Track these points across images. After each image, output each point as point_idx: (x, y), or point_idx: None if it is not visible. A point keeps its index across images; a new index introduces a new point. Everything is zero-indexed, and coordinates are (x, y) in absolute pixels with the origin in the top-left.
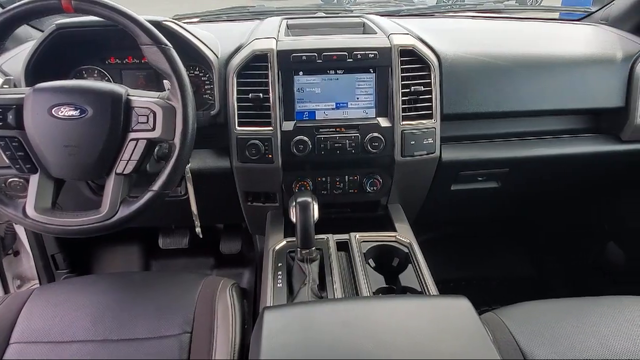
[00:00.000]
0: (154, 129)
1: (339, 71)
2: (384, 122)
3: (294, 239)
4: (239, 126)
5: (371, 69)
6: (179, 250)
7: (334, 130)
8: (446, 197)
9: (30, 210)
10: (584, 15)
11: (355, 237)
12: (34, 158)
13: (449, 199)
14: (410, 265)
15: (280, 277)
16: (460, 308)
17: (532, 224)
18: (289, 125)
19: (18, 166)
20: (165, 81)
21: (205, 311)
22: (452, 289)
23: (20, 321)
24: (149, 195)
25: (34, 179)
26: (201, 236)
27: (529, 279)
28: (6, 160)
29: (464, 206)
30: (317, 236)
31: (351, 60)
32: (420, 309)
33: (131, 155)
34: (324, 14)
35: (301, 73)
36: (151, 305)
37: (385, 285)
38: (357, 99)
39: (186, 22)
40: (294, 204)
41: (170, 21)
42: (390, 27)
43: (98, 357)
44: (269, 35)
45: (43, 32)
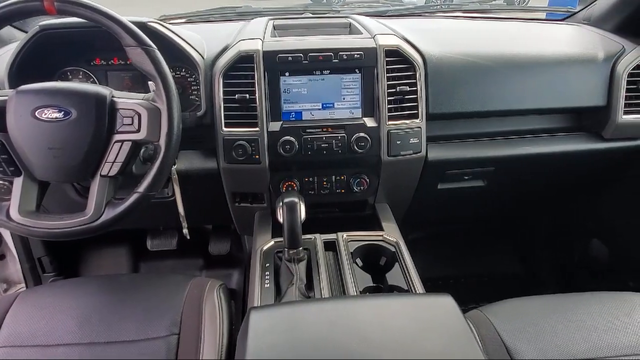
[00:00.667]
0: (139, 130)
1: (325, 71)
2: (370, 122)
3: (281, 239)
4: (225, 127)
5: (357, 69)
6: (168, 251)
7: (320, 130)
8: (433, 196)
9: (14, 213)
10: (567, 15)
11: (343, 236)
12: (17, 161)
13: (436, 198)
14: (397, 264)
15: (267, 277)
16: (444, 306)
17: (519, 221)
18: (275, 126)
19: (1, 169)
20: (150, 82)
21: (193, 312)
22: (440, 287)
23: (5, 325)
24: (134, 197)
25: (17, 182)
26: (188, 237)
27: (516, 276)
28: None
29: (451, 205)
30: (305, 236)
31: (337, 60)
32: (405, 307)
33: (116, 157)
34: (310, 15)
35: (287, 74)
36: (138, 307)
37: (373, 285)
38: (344, 99)
39: (173, 23)
40: (281, 204)
41: (155, 22)
42: (375, 28)
43: (85, 359)
44: (255, 36)
45: (27, 33)
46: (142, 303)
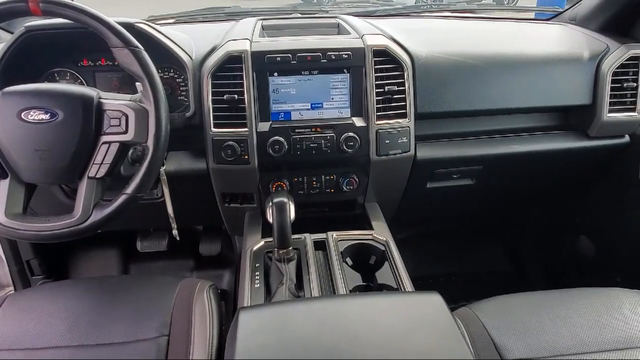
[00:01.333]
0: (126, 131)
1: (313, 72)
2: (358, 122)
3: (271, 239)
4: (214, 127)
5: (345, 69)
6: (158, 253)
7: (309, 130)
8: (422, 195)
9: (0, 215)
10: (553, 15)
11: (333, 236)
12: (3, 163)
13: (426, 196)
14: (386, 262)
15: (257, 277)
16: (432, 303)
17: (507, 219)
18: (264, 126)
19: None
20: (138, 83)
21: (183, 313)
22: (430, 285)
23: None
24: (122, 198)
25: (4, 184)
26: (178, 238)
27: (505, 273)
28: None
29: (441, 204)
30: (295, 236)
31: (325, 60)
32: (393, 305)
33: (104, 159)
34: (299, 15)
35: (276, 74)
36: (128, 309)
37: (363, 283)
38: (332, 99)
39: (161, 24)
40: (270, 204)
41: (143, 23)
42: (363, 28)
43: None
44: (243, 37)
45: (12, 34)
46: (131, 305)
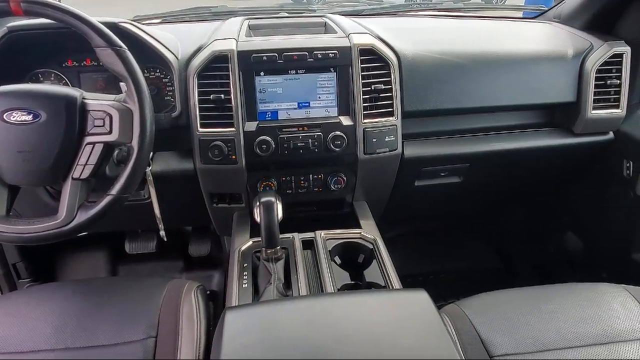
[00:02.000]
0: (110, 132)
1: (300, 71)
2: (345, 121)
3: (259, 239)
4: (201, 127)
5: (332, 68)
6: (147, 254)
7: (296, 129)
8: (411, 193)
9: None
10: (538, 14)
11: (321, 235)
12: None
13: (414, 195)
14: (375, 261)
15: (245, 277)
16: (418, 301)
17: (496, 216)
18: (251, 126)
19: None
20: (122, 83)
21: (170, 315)
22: (420, 283)
23: None
24: (107, 199)
25: None
26: (166, 239)
27: (494, 270)
28: None
29: (429, 201)
30: (283, 235)
31: (312, 60)
32: (379, 303)
33: (88, 160)
34: (286, 14)
35: (262, 73)
36: (115, 311)
37: (351, 282)
38: (319, 98)
39: (147, 23)
40: (257, 204)
41: (127, 23)
42: (350, 27)
43: None
44: (229, 36)
45: None
46: (118, 307)
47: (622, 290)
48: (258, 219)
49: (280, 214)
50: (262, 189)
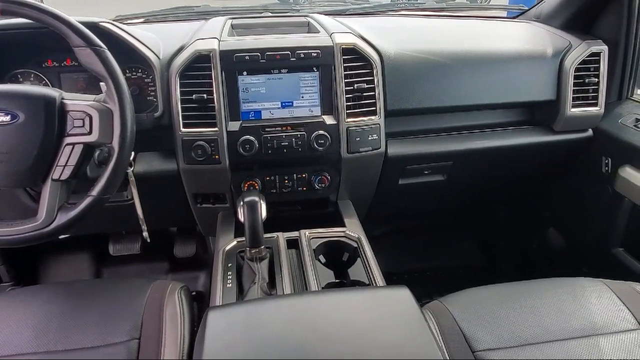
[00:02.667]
0: (90, 132)
1: (282, 70)
2: (329, 120)
3: (244, 239)
4: (184, 127)
5: (315, 68)
6: (131, 256)
7: (280, 129)
8: (395, 191)
9: None
10: (520, 13)
11: (305, 234)
12: None
13: (398, 193)
14: (359, 259)
15: (230, 277)
16: (400, 297)
17: (480, 214)
18: (234, 126)
19: None
20: (102, 83)
21: (154, 316)
22: (405, 280)
23: None
24: (88, 200)
25: None
26: (149, 240)
27: (478, 267)
28: None
29: (414, 200)
30: (268, 235)
31: (294, 59)
32: (361, 300)
33: (67, 161)
34: (270, 14)
35: (245, 73)
36: (98, 313)
37: (336, 280)
38: (302, 97)
39: (130, 23)
40: (241, 204)
41: (108, 22)
42: (333, 26)
43: None
44: (211, 35)
45: None
46: (101, 309)
47: (601, 285)
48: (242, 218)
49: (264, 213)
50: (246, 188)
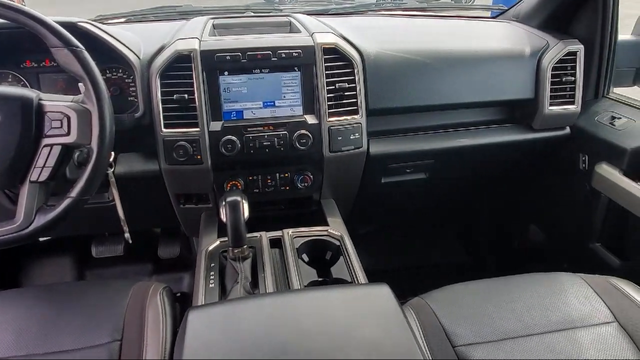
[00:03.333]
0: (68, 133)
1: (264, 70)
2: (310, 119)
3: (227, 238)
4: (165, 128)
5: (296, 68)
6: (115, 257)
7: (262, 129)
8: (378, 190)
9: None
10: (499, 13)
11: (288, 233)
12: None
13: (381, 191)
14: (341, 257)
15: (212, 277)
16: (380, 295)
17: (461, 211)
18: (216, 126)
19: None
20: (80, 84)
21: (136, 317)
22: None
23: None
24: (67, 202)
25: None
26: (130, 242)
27: (461, 263)
28: None
29: (397, 198)
30: (251, 234)
31: (276, 59)
32: (341, 298)
33: (45, 162)
34: (252, 14)
35: (226, 73)
36: (79, 315)
37: (319, 279)
38: (284, 97)
39: (111, 23)
40: (223, 203)
41: (87, 22)
42: (314, 26)
43: None
44: (192, 35)
45: None
46: (82, 311)
47: (578, 279)
48: (224, 218)
49: (246, 213)
50: (228, 188)
